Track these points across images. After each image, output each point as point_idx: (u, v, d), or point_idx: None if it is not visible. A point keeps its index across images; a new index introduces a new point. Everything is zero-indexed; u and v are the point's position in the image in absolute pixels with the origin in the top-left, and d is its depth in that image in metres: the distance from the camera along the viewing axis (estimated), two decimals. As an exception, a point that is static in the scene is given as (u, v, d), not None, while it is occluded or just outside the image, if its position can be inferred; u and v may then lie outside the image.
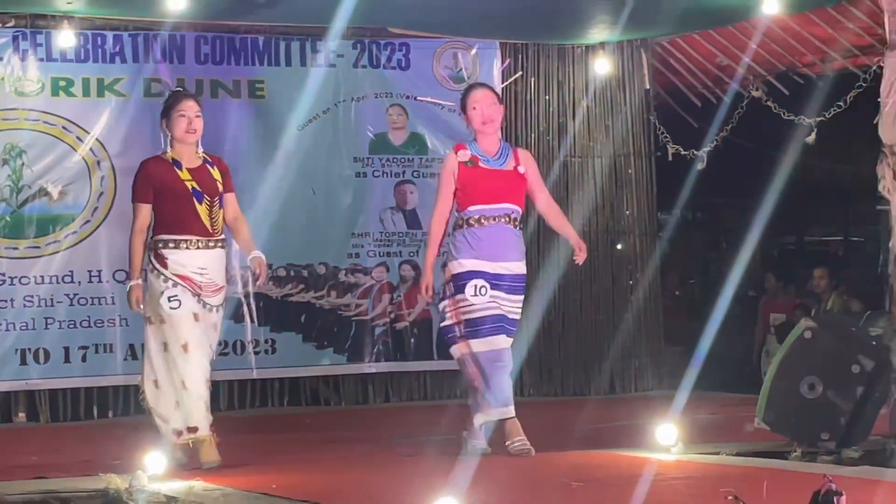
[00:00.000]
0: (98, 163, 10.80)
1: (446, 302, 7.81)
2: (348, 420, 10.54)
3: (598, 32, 11.72)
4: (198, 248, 7.48)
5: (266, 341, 11.16)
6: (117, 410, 10.86)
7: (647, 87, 12.53)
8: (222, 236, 7.64)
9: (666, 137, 12.35)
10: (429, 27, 11.39)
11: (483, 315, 7.63)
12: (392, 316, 11.58)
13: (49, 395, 10.68)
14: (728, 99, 12.18)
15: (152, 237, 7.53)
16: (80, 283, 10.74)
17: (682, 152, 12.23)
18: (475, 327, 7.63)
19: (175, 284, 7.39)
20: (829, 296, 12.88)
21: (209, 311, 7.55)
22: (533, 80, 12.19)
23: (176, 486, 6.58)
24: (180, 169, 7.52)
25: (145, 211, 7.51)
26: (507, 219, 7.74)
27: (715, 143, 12.04)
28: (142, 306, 7.52)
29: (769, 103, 11.90)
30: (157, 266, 7.44)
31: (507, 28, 11.50)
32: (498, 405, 7.63)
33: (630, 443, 8.20)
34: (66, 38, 10.49)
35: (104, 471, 6.72)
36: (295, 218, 11.23)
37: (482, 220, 7.68)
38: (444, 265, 7.91)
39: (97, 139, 10.79)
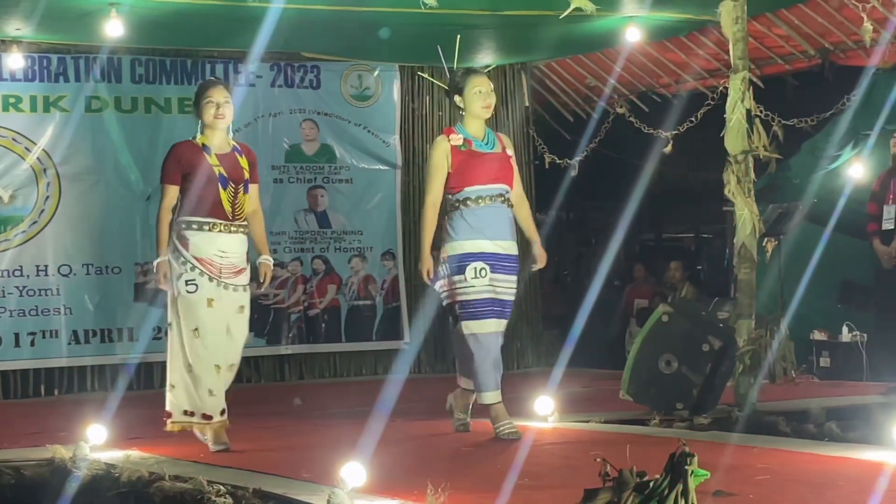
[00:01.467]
0: (44, 170, 10.69)
1: (443, 282, 7.19)
2: (267, 395, 10.50)
3: (484, 57, 11.74)
4: (219, 231, 6.91)
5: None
6: (62, 389, 10.76)
7: (527, 104, 12.58)
8: (244, 222, 7.06)
9: (543, 148, 12.42)
10: (336, 52, 11.38)
11: (478, 298, 7.07)
12: (305, 304, 11.57)
13: (1, 375, 10.53)
14: (596, 115, 12.29)
15: (176, 219, 6.94)
16: (28, 276, 10.62)
17: (557, 161, 12.31)
18: (470, 308, 7.08)
19: (193, 268, 6.83)
20: (683, 285, 13.00)
21: (232, 292, 6.96)
22: (427, 98, 12.19)
23: (115, 455, 6.53)
24: (209, 154, 6.96)
25: (173, 191, 6.95)
26: (502, 198, 7.20)
27: (585, 153, 12.13)
28: (167, 282, 6.93)
29: (631, 119, 11.99)
30: (179, 247, 6.87)
31: (404, 52, 11.51)
32: (483, 389, 7.14)
33: (513, 413, 8.21)
34: (15, 60, 10.41)
35: (51, 442, 6.65)
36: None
37: (479, 200, 7.11)
38: (440, 247, 7.22)
39: (43, 149, 10.68)
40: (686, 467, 3.66)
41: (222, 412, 6.98)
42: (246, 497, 5.25)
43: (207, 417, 6.88)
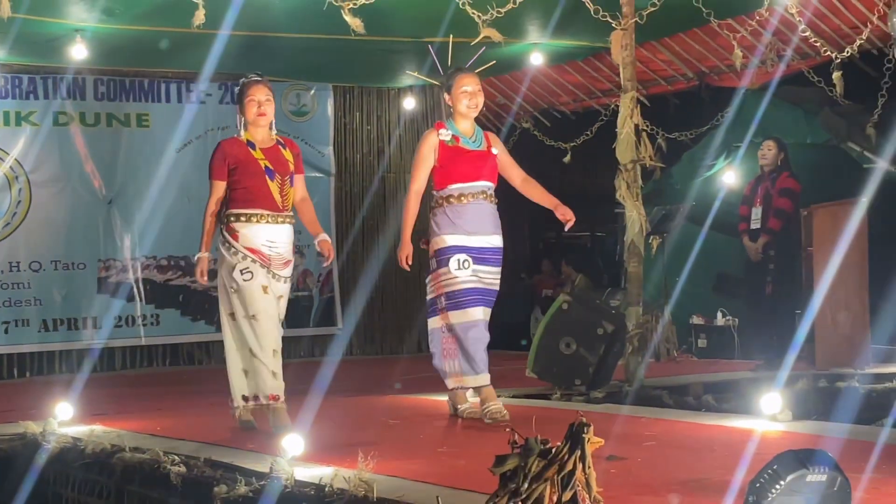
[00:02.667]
0: (16, 178, 10.58)
1: (431, 276, 6.73)
2: (218, 376, 10.39)
3: (407, 78, 11.75)
4: (267, 222, 6.39)
5: (152, 315, 11.08)
6: (33, 371, 10.67)
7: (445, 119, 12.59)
8: (290, 213, 6.55)
9: (459, 158, 12.42)
10: (277, 73, 11.31)
11: (463, 287, 6.56)
12: (250, 295, 11.50)
13: (-22, 360, 10.42)
14: (505, 129, 12.31)
15: (225, 212, 6.47)
16: (2, 272, 10.54)
17: (471, 169, 12.31)
18: (455, 299, 6.58)
19: (245, 257, 6.32)
20: (577, 277, 13.09)
21: (278, 282, 6.45)
22: (358, 114, 12.19)
23: (80, 430, 6.44)
24: (254, 149, 6.44)
25: (220, 187, 6.44)
26: (485, 195, 6.66)
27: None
28: (205, 278, 6.52)
29: (535, 133, 12.05)
30: (229, 239, 6.38)
31: (337, 74, 11.51)
32: (472, 373, 6.60)
33: (433, 390, 8.22)
34: (-11, 80, 10.28)
35: (22, 418, 6.57)
36: (174, 220, 11.05)
37: (461, 198, 6.59)
38: (427, 242, 6.78)
39: (15, 159, 10.58)
40: (583, 435, 3.68)
41: (276, 397, 6.39)
42: (198, 466, 5.21)
43: (275, 398, 6.33)
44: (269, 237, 6.38)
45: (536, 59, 10.35)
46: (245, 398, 6.43)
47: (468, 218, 6.59)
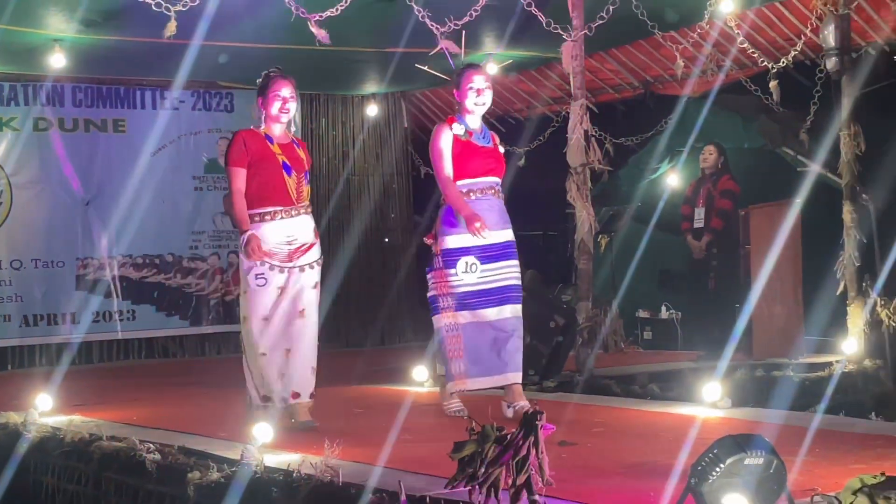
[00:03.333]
0: (-2, 180, 10.50)
1: (433, 273, 6.26)
2: (190, 369, 10.39)
3: (370, 86, 11.77)
4: (282, 217, 5.97)
5: (128, 311, 11.03)
6: (14, 364, 10.55)
7: (406, 125, 12.61)
8: (306, 203, 6.11)
9: (419, 161, 12.44)
10: (246, 81, 11.26)
11: (469, 290, 6.15)
12: (223, 291, 11.48)
13: (-38, 354, 10.34)
14: (463, 135, 12.31)
15: None
16: (-16, 269, 10.44)
17: (431, 172, 12.29)
18: (463, 301, 6.15)
19: (263, 263, 5.90)
20: (526, 273, 13.09)
21: (301, 273, 6.01)
22: (324, 120, 12.18)
23: (60, 420, 6.40)
24: (272, 143, 6.05)
25: (242, 175, 5.96)
26: (493, 190, 6.27)
27: (454, 165, 12.16)
28: (260, 250, 5.88)
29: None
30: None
31: (305, 82, 11.44)
32: (482, 374, 6.18)
33: (394, 380, 8.23)
34: (-28, 87, 10.17)
35: (4, 409, 6.53)
36: (150, 220, 11.01)
37: (471, 194, 6.17)
38: (433, 237, 6.30)
39: (-3, 163, 10.50)
40: (536, 422, 3.70)
41: (296, 395, 6.03)
42: (172, 453, 5.19)
43: (296, 395, 6.00)
44: (288, 232, 6.00)
45: (491, 69, 10.36)
46: (264, 398, 6.03)
47: (481, 214, 6.13)
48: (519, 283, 6.32)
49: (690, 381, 7.36)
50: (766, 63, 9.16)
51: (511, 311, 6.23)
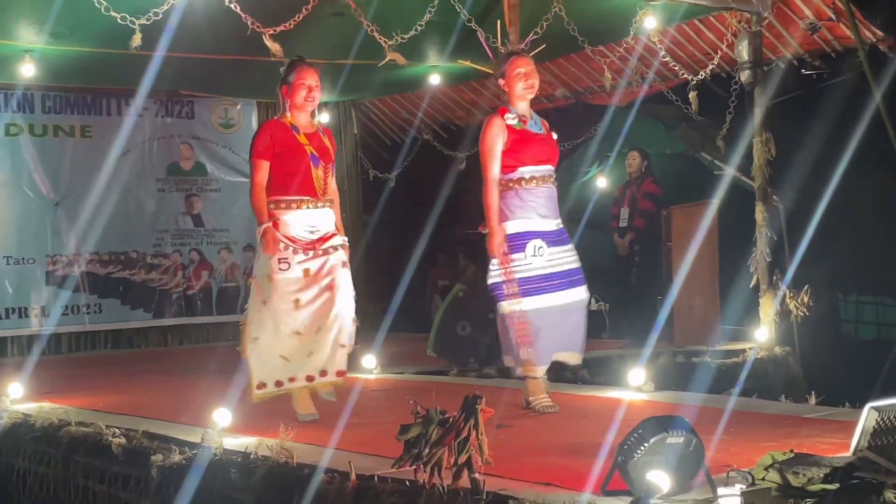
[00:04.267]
0: (-29, 181, 10.34)
1: (498, 259, 5.74)
2: (154, 358, 10.29)
3: (322, 94, 11.69)
4: (308, 207, 5.53)
5: (95, 304, 10.91)
6: (-15, 355, 10.43)
7: (356, 132, 12.56)
8: (329, 197, 5.69)
9: (369, 165, 12.42)
10: (206, 90, 11.22)
11: (539, 274, 5.67)
12: (184, 286, 11.39)
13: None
14: (409, 141, 12.31)
15: (267, 198, 5.57)
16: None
17: (379, 175, 12.31)
18: (531, 285, 5.66)
19: (287, 247, 5.47)
20: (469, 268, 13.09)
21: (326, 255, 5.57)
22: (279, 126, 12.10)
23: (30, 407, 6.32)
24: (298, 133, 5.59)
25: (265, 167, 5.50)
26: (552, 179, 5.81)
27: (401, 169, 12.16)
28: (274, 246, 5.48)
29: (435, 144, 12.06)
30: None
31: (260, 91, 11.41)
32: (546, 363, 5.75)
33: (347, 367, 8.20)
34: (-54, 95, 9.99)
35: (-23, 398, 6.44)
36: (115, 220, 10.89)
37: (533, 181, 5.70)
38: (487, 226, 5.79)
39: (-29, 166, 10.32)
40: (477, 406, 3.70)
41: (324, 373, 5.66)
42: (136, 437, 5.15)
43: (323, 373, 5.63)
44: (311, 222, 5.57)
45: (435, 80, 10.37)
46: (278, 383, 5.60)
47: (541, 202, 5.74)
48: (580, 265, 5.88)
49: (617, 367, 7.41)
50: (686, 75, 9.23)
51: (578, 294, 5.83)
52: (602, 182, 11.40)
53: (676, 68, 9.33)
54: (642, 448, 3.55)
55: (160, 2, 6.61)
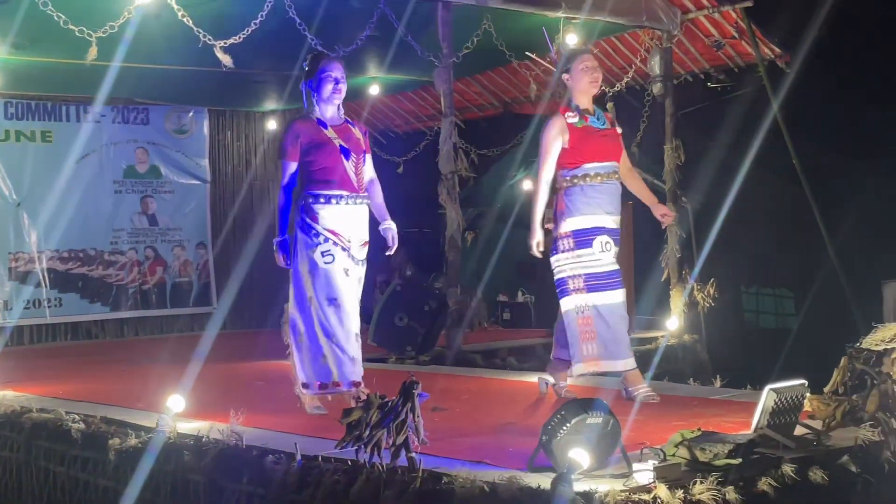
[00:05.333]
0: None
1: (561, 255, 5.41)
2: (111, 349, 10.14)
3: (270, 104, 11.62)
4: (346, 203, 5.09)
5: (56, 299, 10.70)
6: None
7: (301, 138, 12.47)
8: (366, 193, 5.26)
9: (312, 169, 12.33)
10: (161, 98, 11.08)
11: (608, 270, 5.36)
12: (140, 281, 11.22)
13: None
14: (350, 145, 12.24)
15: (302, 193, 5.13)
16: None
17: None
18: (600, 280, 5.33)
19: (327, 240, 5.04)
20: (407, 265, 13.08)
21: (357, 265, 5.17)
22: (229, 132, 11.97)
23: (-7, 395, 6.20)
24: (325, 127, 5.16)
25: (292, 168, 5.09)
26: (615, 175, 5.45)
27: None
28: (288, 262, 5.14)
29: (375, 149, 11.95)
30: (309, 221, 5.08)
31: (212, 99, 11.31)
32: (617, 357, 5.37)
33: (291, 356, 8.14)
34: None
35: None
36: (74, 220, 10.68)
37: (597, 177, 5.36)
38: (555, 221, 5.45)
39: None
40: (413, 391, 3.70)
41: (357, 384, 5.19)
42: (95, 423, 5.07)
43: (356, 384, 5.16)
44: (349, 219, 5.13)
45: (375, 90, 10.35)
46: (322, 385, 5.16)
47: (605, 198, 5.39)
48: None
49: (542, 354, 7.45)
50: (603, 87, 9.31)
51: (625, 295, 5.48)
52: (528, 184, 11.45)
53: (595, 81, 9.39)
54: (565, 428, 3.57)
55: (116, 15, 6.51)
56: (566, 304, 5.39)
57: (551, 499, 3.25)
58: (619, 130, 5.57)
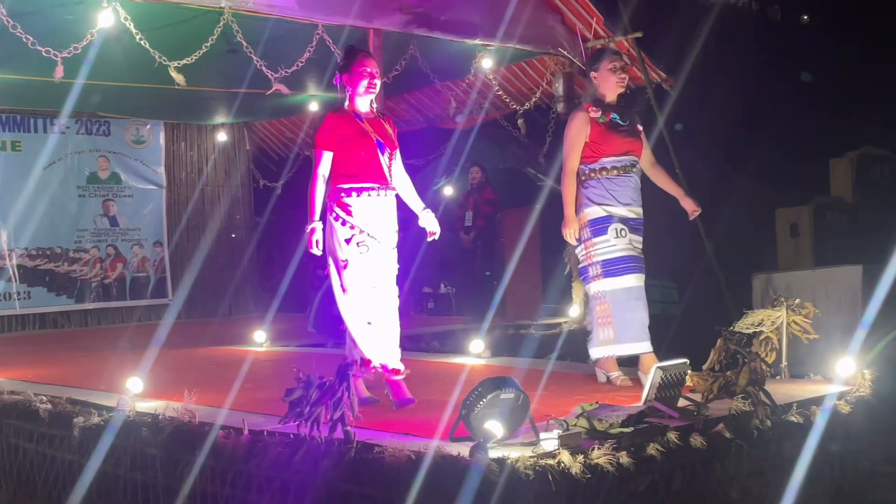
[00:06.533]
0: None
1: (583, 245, 5.15)
2: (76, 337, 9.90)
3: (220, 118, 11.47)
4: (378, 196, 4.64)
5: (25, 292, 10.41)
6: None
7: (248, 148, 12.33)
8: (394, 186, 4.82)
9: (259, 176, 12.21)
10: (121, 112, 10.86)
11: (619, 255, 5.06)
12: (102, 276, 10.98)
13: None
14: (292, 156, 12.13)
15: (335, 185, 4.67)
16: None
17: (268, 184, 12.11)
18: (612, 266, 5.06)
19: (362, 231, 4.59)
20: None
21: (390, 254, 4.74)
22: (183, 143, 11.77)
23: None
24: (361, 121, 4.69)
25: (328, 158, 4.65)
26: (633, 168, 5.17)
27: (286, 179, 11.98)
28: (320, 247, 4.65)
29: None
30: (342, 214, 4.62)
31: (168, 113, 11.12)
32: (630, 340, 5.06)
33: (239, 342, 8.06)
34: None
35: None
36: (42, 221, 10.42)
37: (614, 170, 5.10)
38: (577, 212, 5.17)
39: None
40: (349, 372, 3.68)
41: (397, 371, 4.76)
42: (61, 403, 4.95)
43: (397, 371, 4.73)
44: (380, 211, 4.69)
45: (314, 107, 10.27)
46: (366, 369, 4.73)
47: (622, 191, 5.13)
48: (644, 257, 5.20)
49: (461, 338, 7.47)
50: (514, 106, 9.37)
51: (643, 280, 5.16)
52: (449, 190, 11.47)
53: (507, 100, 9.46)
54: (481, 403, 3.59)
55: (80, 37, 6.37)
56: (590, 290, 5.16)
57: (469, 465, 3.26)
58: (640, 128, 5.28)
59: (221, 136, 11.97)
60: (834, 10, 10.33)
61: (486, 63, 8.55)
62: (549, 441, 3.50)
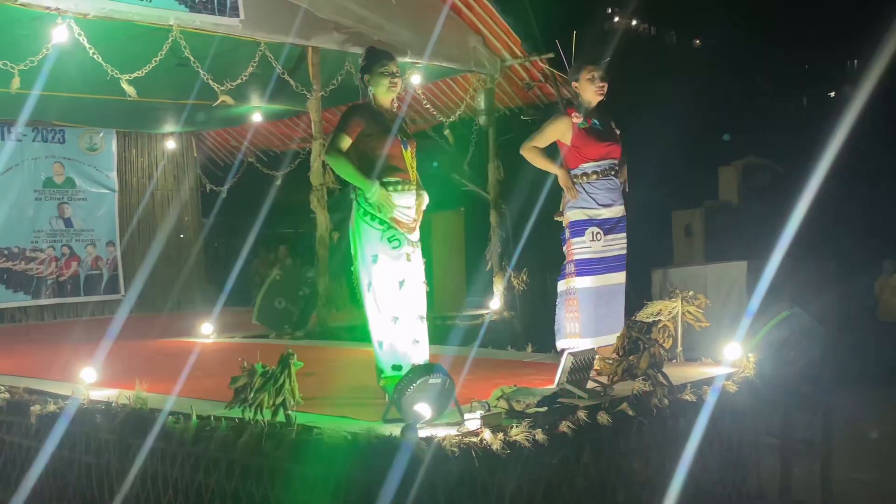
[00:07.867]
0: None
1: (564, 244, 5.08)
2: (34, 331, 9.60)
3: (169, 127, 11.26)
4: (404, 190, 4.29)
5: (-17, 289, 10.10)
6: None
7: (196, 155, 12.14)
8: (417, 180, 4.43)
9: (206, 181, 12.02)
10: (75, 121, 10.59)
11: (595, 256, 4.97)
12: (57, 274, 10.69)
13: None
14: (237, 163, 11.96)
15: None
16: None
17: (214, 188, 11.92)
18: (585, 266, 4.96)
19: (390, 227, 4.26)
20: (286, 258, 12.85)
21: (417, 249, 4.39)
22: (134, 150, 11.54)
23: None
24: (385, 118, 4.36)
25: (346, 141, 4.22)
26: (613, 171, 5.04)
27: (231, 184, 11.80)
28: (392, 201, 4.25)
29: (258, 165, 11.77)
30: (372, 211, 4.27)
31: (120, 122, 10.88)
32: (594, 335, 4.94)
33: (188, 333, 7.91)
34: None
35: None
36: (1, 222, 10.14)
37: (594, 175, 4.99)
38: (561, 214, 5.12)
39: None
40: (289, 361, 3.65)
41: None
42: (18, 392, 4.79)
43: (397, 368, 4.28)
44: (406, 204, 4.34)
45: (257, 117, 10.16)
46: (395, 368, 4.26)
47: (602, 193, 5.04)
48: (625, 253, 5.08)
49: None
50: (441, 118, 9.39)
51: (621, 277, 5.06)
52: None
53: (435, 113, 9.48)
54: (411, 388, 3.59)
55: (36, 51, 6.18)
56: (559, 287, 5.10)
57: (401, 444, 3.27)
58: (617, 131, 5.15)
59: (171, 144, 11.76)
60: (725, 37, 10.61)
61: (416, 79, 8.55)
62: (473, 421, 3.52)
